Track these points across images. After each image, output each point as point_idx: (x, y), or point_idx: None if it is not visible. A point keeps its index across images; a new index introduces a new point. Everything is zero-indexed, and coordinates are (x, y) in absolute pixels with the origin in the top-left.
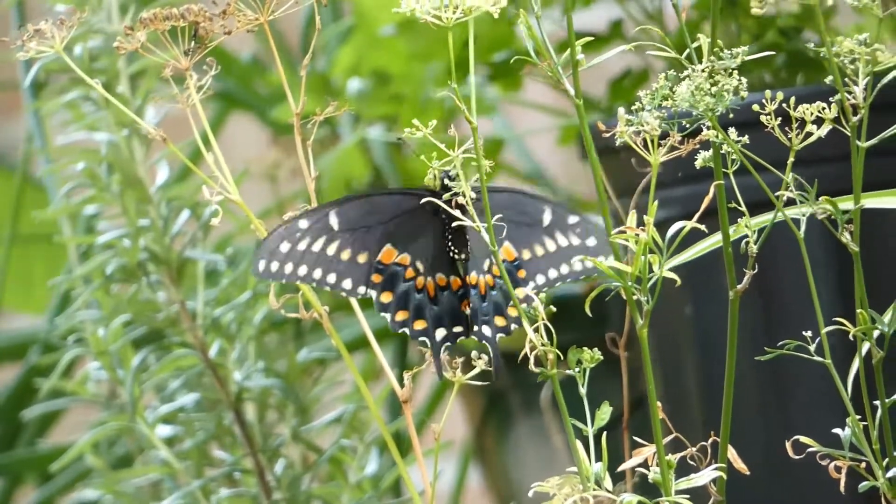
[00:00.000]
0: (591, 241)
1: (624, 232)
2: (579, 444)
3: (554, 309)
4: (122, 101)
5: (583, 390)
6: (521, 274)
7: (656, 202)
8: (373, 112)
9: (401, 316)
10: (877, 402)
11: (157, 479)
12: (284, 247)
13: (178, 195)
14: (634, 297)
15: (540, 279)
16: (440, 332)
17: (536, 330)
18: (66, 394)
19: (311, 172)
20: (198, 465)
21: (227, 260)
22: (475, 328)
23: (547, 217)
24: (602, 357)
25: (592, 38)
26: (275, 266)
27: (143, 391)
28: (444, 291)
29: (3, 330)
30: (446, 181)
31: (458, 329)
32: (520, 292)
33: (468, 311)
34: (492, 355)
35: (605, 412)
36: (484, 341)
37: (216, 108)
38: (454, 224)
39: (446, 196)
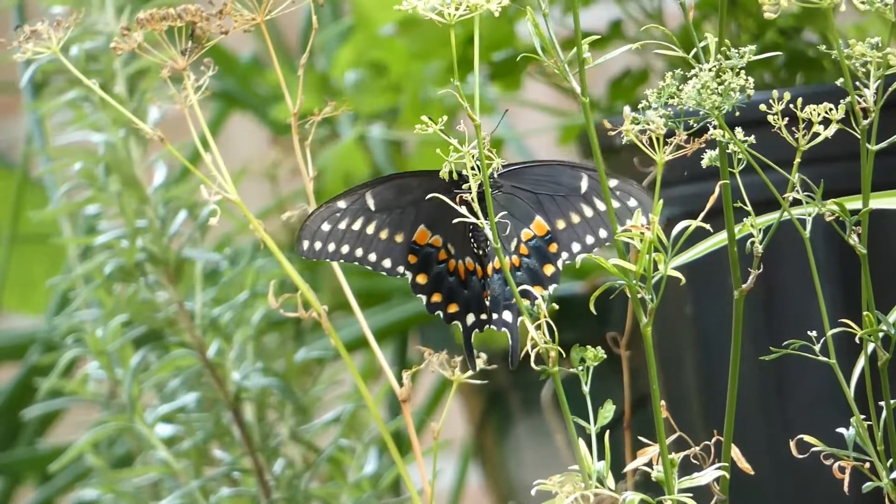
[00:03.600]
0: (633, 203)
1: (629, 230)
2: (581, 443)
3: (556, 307)
4: (120, 101)
5: (586, 388)
6: (553, 248)
7: (661, 201)
8: (371, 104)
9: (436, 298)
10: (881, 403)
11: (156, 478)
12: (326, 227)
13: (176, 195)
14: (639, 296)
15: (576, 247)
16: (470, 317)
17: (538, 328)
18: (65, 393)
19: (309, 172)
20: (197, 464)
21: (225, 260)
22: (495, 316)
23: (584, 184)
24: (605, 356)
25: (598, 37)
26: (318, 245)
27: (142, 391)
28: (472, 276)
29: (3, 330)
30: (463, 172)
31: (483, 316)
32: (549, 269)
33: (487, 301)
34: (510, 342)
35: (608, 410)
36: (504, 329)
37: (216, 108)
38: (456, 221)
39: (461, 187)
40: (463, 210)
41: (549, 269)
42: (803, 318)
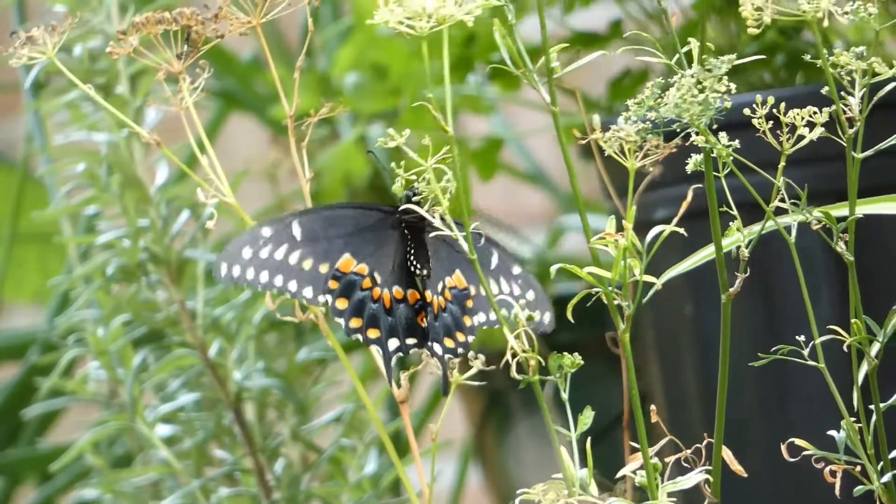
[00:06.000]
0: (531, 295)
1: (603, 238)
2: (563, 450)
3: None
4: (122, 101)
5: (565, 395)
6: (470, 303)
7: (640, 206)
8: (371, 106)
9: (354, 323)
10: (872, 406)
11: (156, 478)
12: (247, 252)
13: (178, 195)
14: (616, 302)
15: (482, 317)
16: (393, 343)
17: (517, 337)
18: (65, 393)
19: (305, 174)
20: (197, 464)
21: None
22: (429, 343)
23: (494, 260)
24: (583, 362)
25: (566, 45)
26: (237, 271)
27: (143, 391)
28: (400, 304)
29: (2, 329)
30: (411, 196)
31: (411, 341)
32: (467, 320)
33: (424, 324)
34: (441, 372)
35: (587, 417)
36: (435, 358)
37: (216, 108)
38: (427, 237)
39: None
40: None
41: (467, 321)
42: (804, 319)
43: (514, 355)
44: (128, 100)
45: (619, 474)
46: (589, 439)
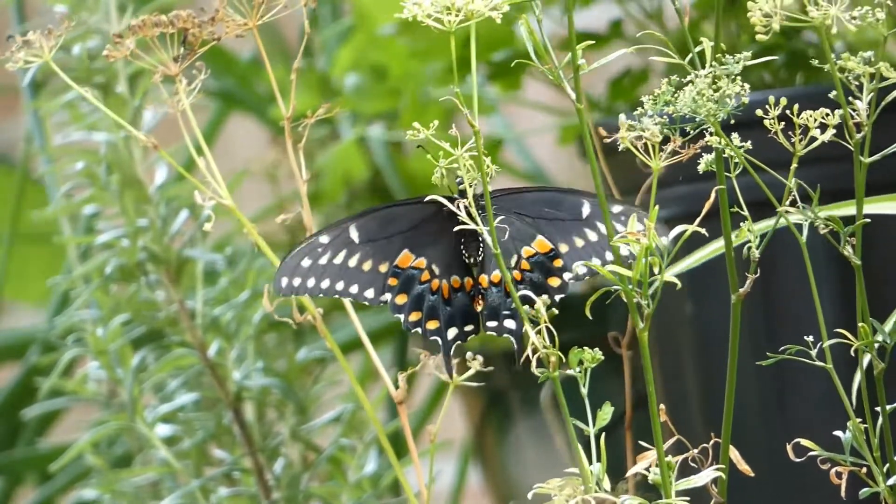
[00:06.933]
0: (638, 227)
1: (625, 237)
2: (580, 445)
3: (556, 311)
4: (121, 101)
5: (584, 390)
6: (558, 263)
7: (657, 206)
8: (371, 107)
9: (414, 316)
10: (878, 408)
11: (156, 478)
12: (306, 262)
13: (177, 195)
14: (635, 301)
15: (582, 269)
16: (452, 332)
17: (539, 332)
18: (65, 393)
19: (303, 175)
20: (197, 464)
21: (225, 259)
22: (492, 323)
23: (586, 210)
24: (603, 357)
25: (593, 41)
26: (297, 281)
27: (143, 391)
28: (458, 293)
29: (2, 329)
30: (461, 186)
31: (469, 328)
32: (554, 281)
33: (479, 308)
34: (515, 347)
35: (606, 412)
36: (506, 335)
37: (216, 108)
38: (456, 229)
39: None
40: (464, 217)
41: (554, 281)
42: (807, 320)
43: (534, 351)
44: (127, 99)
45: (630, 472)
46: (600, 437)
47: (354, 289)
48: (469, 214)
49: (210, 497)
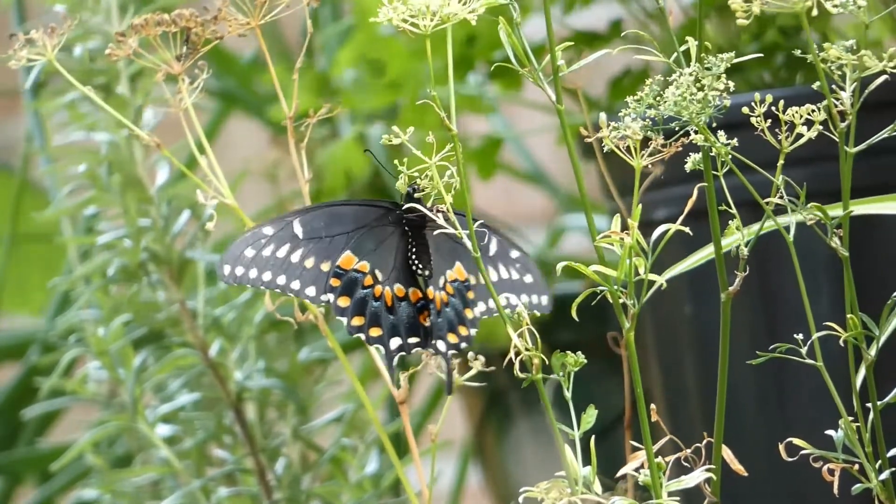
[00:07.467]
0: (528, 279)
1: (608, 236)
2: (567, 448)
3: (538, 314)
4: (122, 101)
5: (568, 394)
6: (471, 295)
7: (641, 205)
8: (369, 103)
9: (357, 321)
10: (870, 405)
11: (156, 478)
12: (249, 252)
13: (179, 195)
14: (621, 301)
15: (482, 306)
16: (395, 342)
17: (521, 335)
18: (65, 393)
19: (305, 174)
20: (198, 464)
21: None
22: (431, 342)
23: (493, 247)
24: (585, 361)
25: (572, 42)
26: (240, 271)
27: (144, 391)
28: (401, 302)
29: (3, 330)
30: (413, 193)
31: (413, 340)
32: (469, 313)
33: (427, 323)
34: (445, 370)
35: (590, 415)
36: (439, 355)
37: (216, 108)
38: (429, 233)
39: (408, 209)
40: (442, 223)
41: (469, 314)
42: (805, 318)
43: (517, 354)
44: (128, 99)
45: (621, 473)
46: (591, 439)
47: (296, 284)
48: (449, 221)
49: (211, 497)
